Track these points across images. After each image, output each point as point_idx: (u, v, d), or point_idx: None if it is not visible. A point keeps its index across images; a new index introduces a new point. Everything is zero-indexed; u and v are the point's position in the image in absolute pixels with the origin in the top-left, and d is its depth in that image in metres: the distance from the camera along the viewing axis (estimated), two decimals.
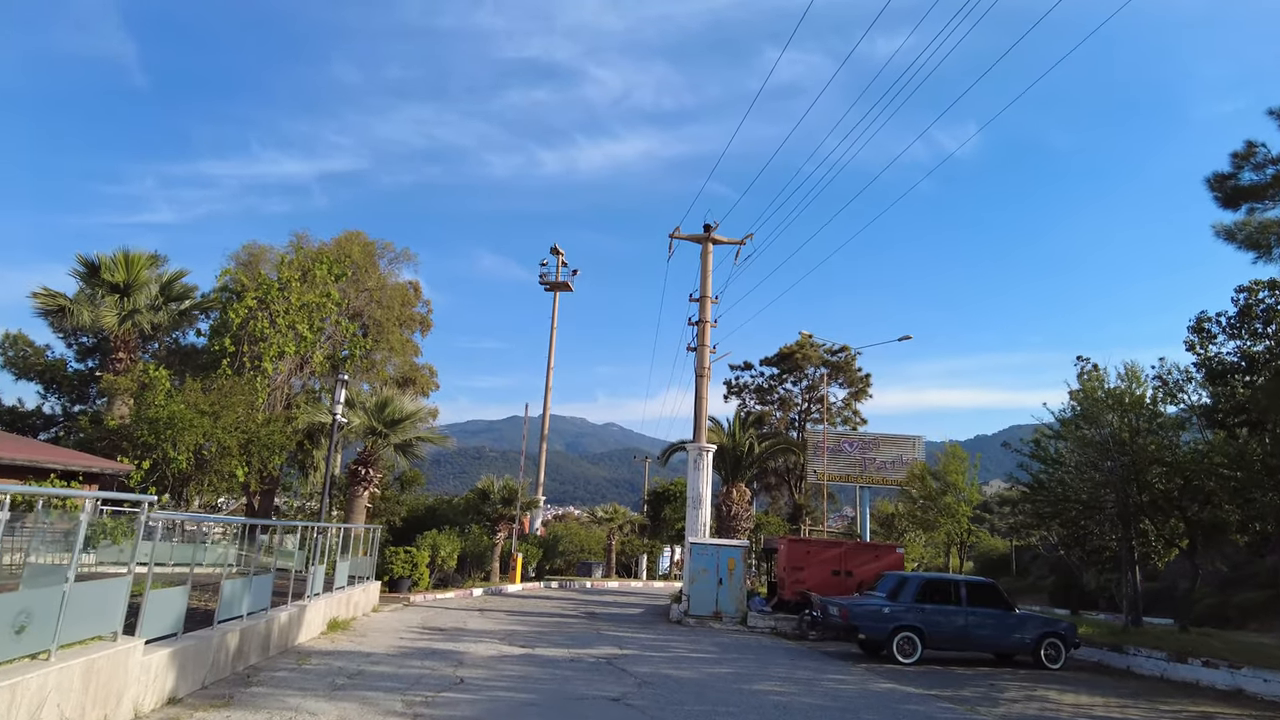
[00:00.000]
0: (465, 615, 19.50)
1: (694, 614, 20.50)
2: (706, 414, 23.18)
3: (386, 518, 30.64)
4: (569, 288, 48.22)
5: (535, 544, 37.35)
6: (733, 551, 20.94)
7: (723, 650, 15.39)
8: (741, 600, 20.62)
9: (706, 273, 23.56)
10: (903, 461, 37.21)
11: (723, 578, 20.67)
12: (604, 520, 47.90)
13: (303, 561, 17.53)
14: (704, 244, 23.86)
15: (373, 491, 24.50)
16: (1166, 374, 18.15)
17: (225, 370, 21.86)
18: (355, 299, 27.09)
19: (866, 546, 21.22)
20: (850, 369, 40.07)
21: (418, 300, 32.91)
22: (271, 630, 11.14)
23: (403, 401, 24.40)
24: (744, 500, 29.07)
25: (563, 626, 18.26)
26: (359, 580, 17.94)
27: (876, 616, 15.09)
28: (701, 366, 23.01)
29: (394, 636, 14.32)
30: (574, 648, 14.31)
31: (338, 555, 15.64)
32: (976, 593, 15.64)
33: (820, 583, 20.32)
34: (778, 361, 41.64)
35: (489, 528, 33.61)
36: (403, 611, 19.59)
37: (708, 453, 22.59)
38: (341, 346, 25.35)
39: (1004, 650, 15.58)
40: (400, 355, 27.73)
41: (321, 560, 14.69)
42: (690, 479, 22.54)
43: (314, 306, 23.91)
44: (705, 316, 23.26)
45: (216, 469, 19.92)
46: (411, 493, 31.94)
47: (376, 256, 27.50)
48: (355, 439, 25.07)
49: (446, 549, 26.31)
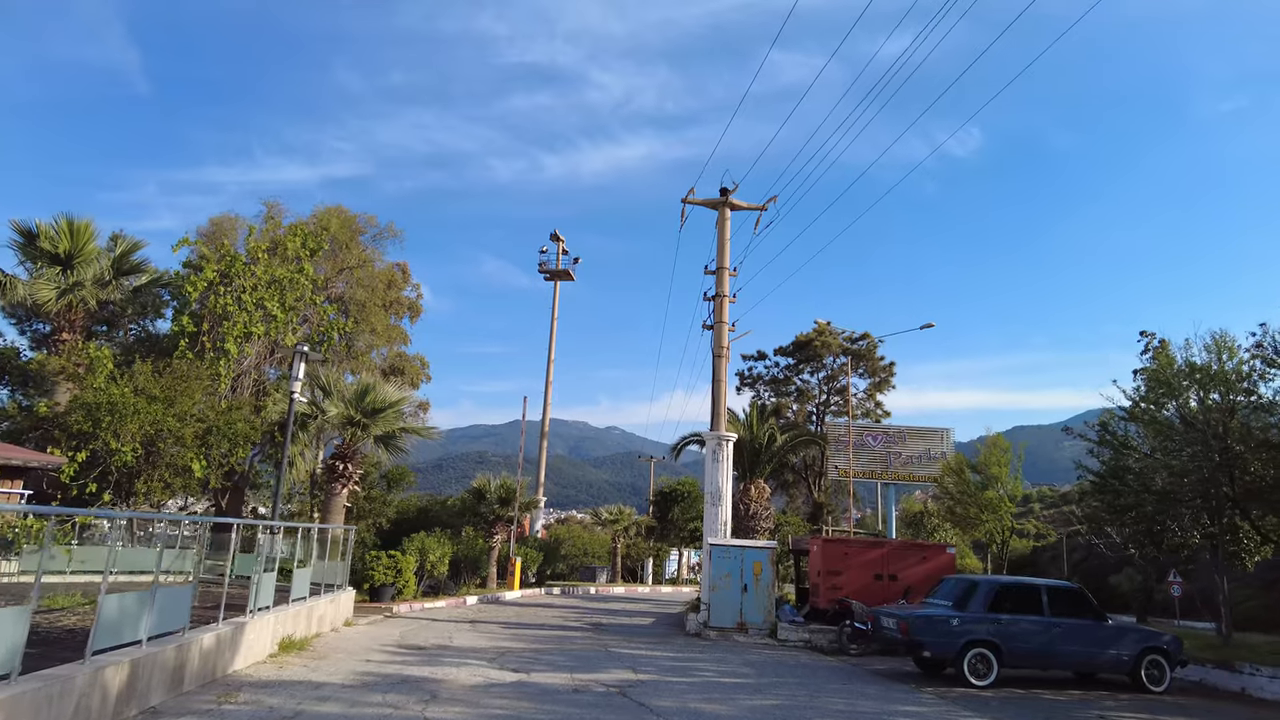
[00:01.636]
0: (453, 628, 16.95)
1: (715, 625, 17.93)
2: (725, 398, 20.63)
3: (372, 519, 28.08)
4: (570, 276, 45.74)
5: (535, 547, 34.78)
6: (759, 554, 18.37)
7: (758, 672, 12.81)
8: (770, 609, 18.05)
9: (724, 241, 21.03)
10: (930, 456, 34.59)
11: (747, 584, 18.10)
12: (609, 522, 45.33)
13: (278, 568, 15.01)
14: (720, 209, 21.34)
15: (353, 489, 21.97)
16: (1269, 341, 15.49)
17: (183, 351, 19.33)
18: (334, 279, 24.58)
19: (912, 546, 18.67)
20: (872, 358, 37.49)
21: (406, 283, 30.40)
22: (188, 658, 8.59)
23: (385, 389, 21.88)
24: (763, 498, 26.54)
25: (565, 642, 15.70)
26: (327, 589, 15.40)
27: (944, 630, 12.51)
28: (719, 345, 20.47)
29: (359, 659, 11.76)
30: (578, 671, 11.75)
31: (297, 560, 13.09)
32: (1060, 599, 13.05)
33: (860, 588, 17.75)
34: (794, 351, 39.05)
35: (485, 530, 31.08)
36: (381, 625, 17.03)
37: (728, 442, 20.05)
38: (318, 329, 22.83)
39: (1095, 668, 12.98)
40: (384, 339, 25.17)
41: (272, 566, 12.15)
42: (708, 472, 19.99)
43: (286, 282, 21.40)
44: (723, 290, 20.72)
45: (168, 462, 17.40)
46: (399, 492, 29.36)
47: (358, 232, 25.01)
48: (333, 431, 22.55)
49: (436, 553, 23.76)
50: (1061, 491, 71.55)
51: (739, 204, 21.53)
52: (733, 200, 21.39)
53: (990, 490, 25.20)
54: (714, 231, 21.55)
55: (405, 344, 30.24)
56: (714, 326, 20.77)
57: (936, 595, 13.93)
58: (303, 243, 22.13)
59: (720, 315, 20.59)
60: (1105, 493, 17.36)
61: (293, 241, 21.85)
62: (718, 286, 20.85)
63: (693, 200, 21.53)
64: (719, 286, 20.82)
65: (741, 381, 40.95)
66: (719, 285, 20.83)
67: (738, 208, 21.58)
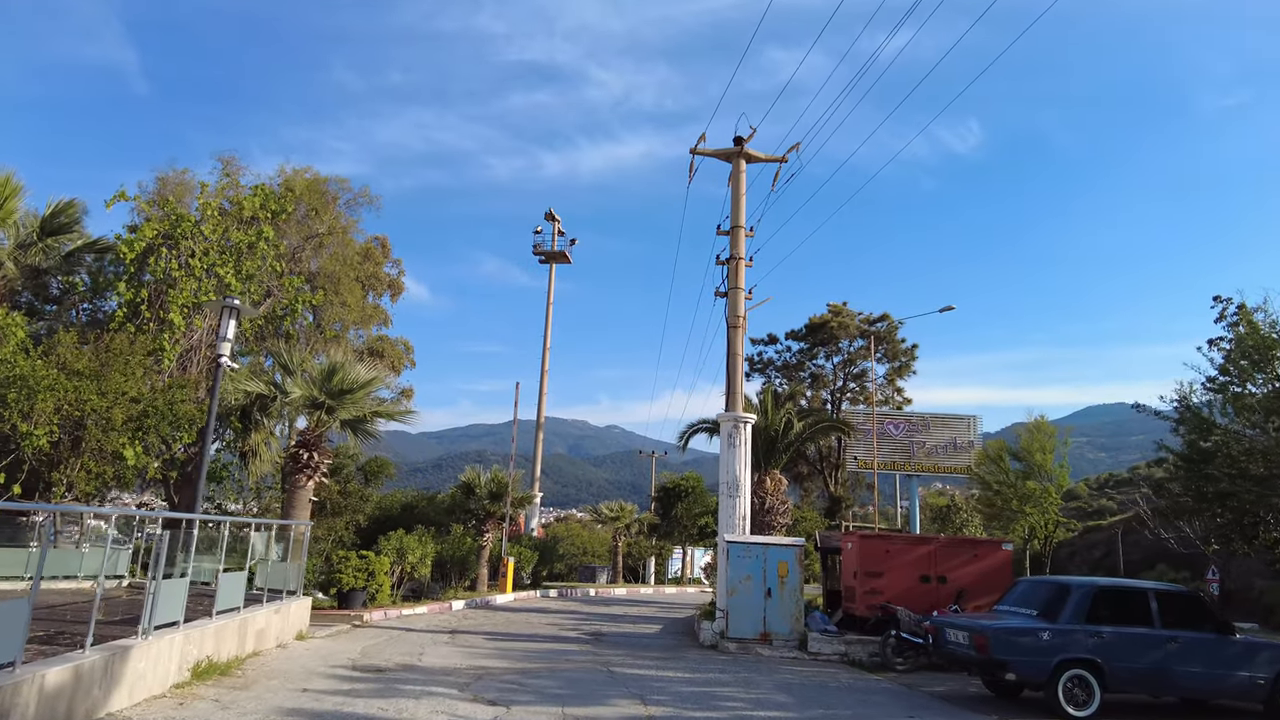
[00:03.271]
0: (428, 641, 14.40)
1: (734, 636, 15.38)
2: (742, 375, 18.06)
3: (349, 517, 25.54)
4: (566, 259, 43.13)
5: (531, 546, 32.22)
6: (784, 553, 15.82)
7: (798, 701, 10.25)
8: (798, 617, 15.50)
9: (738, 196, 18.47)
10: (956, 445, 32.14)
11: (771, 587, 15.55)
12: (610, 519, 42.78)
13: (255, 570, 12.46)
14: (734, 161, 18.78)
15: (320, 482, 19.40)
16: None
17: (119, 320, 16.76)
18: (303, 248, 21.99)
19: (963, 543, 16.12)
20: (892, 340, 34.93)
21: (386, 258, 27.81)
22: (14, 705, 6.05)
23: (356, 368, 19.29)
24: (780, 491, 23.97)
25: (558, 658, 13.16)
26: (273, 597, 12.86)
27: (1033, 646, 9.97)
28: (734, 314, 17.91)
29: (293, 688, 9.21)
30: (572, 703, 9.20)
31: (221, 565, 10.53)
32: (1174, 607, 10.49)
33: (904, 591, 15.21)
34: (807, 334, 36.47)
35: (475, 528, 28.55)
36: (342, 637, 14.48)
37: (745, 425, 17.48)
38: (279, 304, 20.24)
39: (1220, 694, 10.39)
40: (357, 314, 22.56)
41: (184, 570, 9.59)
42: (723, 460, 17.44)
43: (244, 247, 18.83)
44: (738, 252, 18.15)
45: (92, 448, 14.84)
46: (378, 486, 26.80)
47: (330, 199, 22.42)
48: (298, 415, 19.99)
49: (416, 553, 21.23)
50: (1066, 487, 69.04)
51: (755, 155, 18.97)
52: (748, 150, 18.84)
53: (1032, 480, 22.70)
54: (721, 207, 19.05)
55: (386, 325, 27.70)
56: (728, 293, 18.21)
57: (1011, 601, 11.39)
58: (262, 203, 19.55)
59: (735, 280, 18.03)
60: (1195, 479, 14.79)
61: (251, 201, 19.26)
62: (732, 248, 18.29)
63: (702, 151, 18.96)
64: (733, 248, 18.25)
65: (751, 367, 38.41)
66: (733, 246, 18.27)
67: (754, 159, 19.02)
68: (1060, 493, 22.53)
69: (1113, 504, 64.28)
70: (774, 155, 19.15)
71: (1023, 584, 11.76)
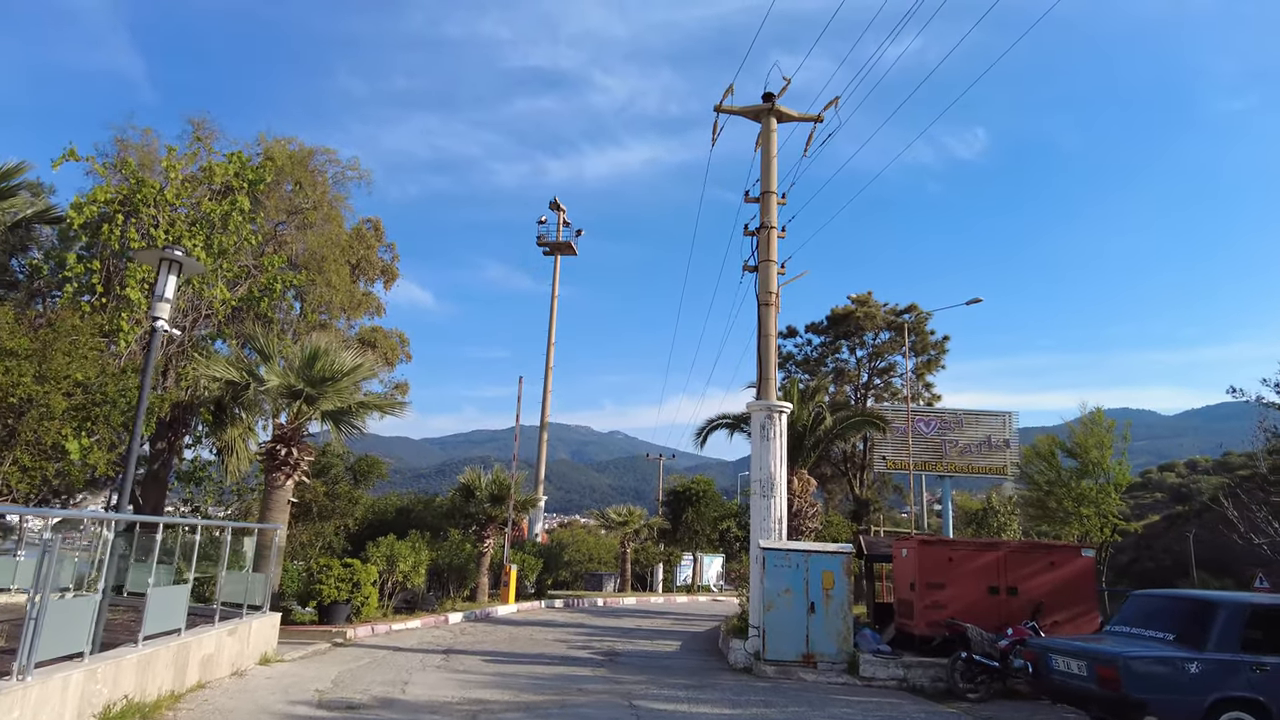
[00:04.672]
0: (417, 664, 12.29)
1: (772, 658, 13.23)
2: (775, 358, 15.93)
3: (337, 521, 23.49)
4: (572, 250, 41.09)
5: (534, 553, 30.11)
6: (829, 562, 13.68)
7: None
8: (846, 635, 13.35)
9: (770, 158, 16.40)
10: (991, 443, 29.95)
11: (815, 601, 13.40)
12: (617, 524, 40.60)
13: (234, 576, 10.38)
14: (764, 119, 16.72)
15: (300, 480, 17.33)
16: None
17: (69, 296, 14.74)
18: (285, 224, 19.95)
19: (1037, 549, 13.96)
20: (921, 332, 32.79)
21: (379, 242, 25.76)
22: None
23: (340, 355, 17.25)
24: (808, 492, 21.87)
25: (569, 687, 11.05)
26: (231, 613, 10.80)
27: (1178, 681, 7.83)
28: (765, 290, 15.81)
29: None
30: None
31: (154, 573, 8.45)
32: None
33: (970, 605, 13.06)
34: (829, 327, 34.30)
35: (475, 533, 26.46)
36: (317, 660, 12.38)
37: (780, 415, 15.36)
38: (255, 284, 18.19)
39: None
40: (344, 296, 20.47)
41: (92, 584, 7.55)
42: (755, 455, 15.32)
43: (216, 219, 16.81)
44: (769, 220, 16.07)
45: (28, 440, 12.78)
46: (368, 486, 24.72)
47: (316, 173, 20.39)
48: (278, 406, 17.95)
49: (409, 561, 19.13)
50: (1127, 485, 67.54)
51: (788, 112, 16.89)
52: (779, 107, 16.76)
53: (1088, 480, 20.52)
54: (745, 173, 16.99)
55: (379, 314, 25.66)
56: (758, 266, 16.12)
57: (1127, 620, 9.25)
58: (238, 171, 17.53)
59: (767, 251, 15.93)
60: None
61: (224, 168, 17.23)
62: (762, 216, 16.20)
63: (728, 109, 16.88)
64: (764, 215, 16.16)
65: None
66: (764, 214, 16.18)
67: (786, 117, 16.95)
68: (1120, 492, 20.33)
69: (1125, 508, 62.15)
70: (808, 114, 17.09)
71: (1140, 599, 9.62)
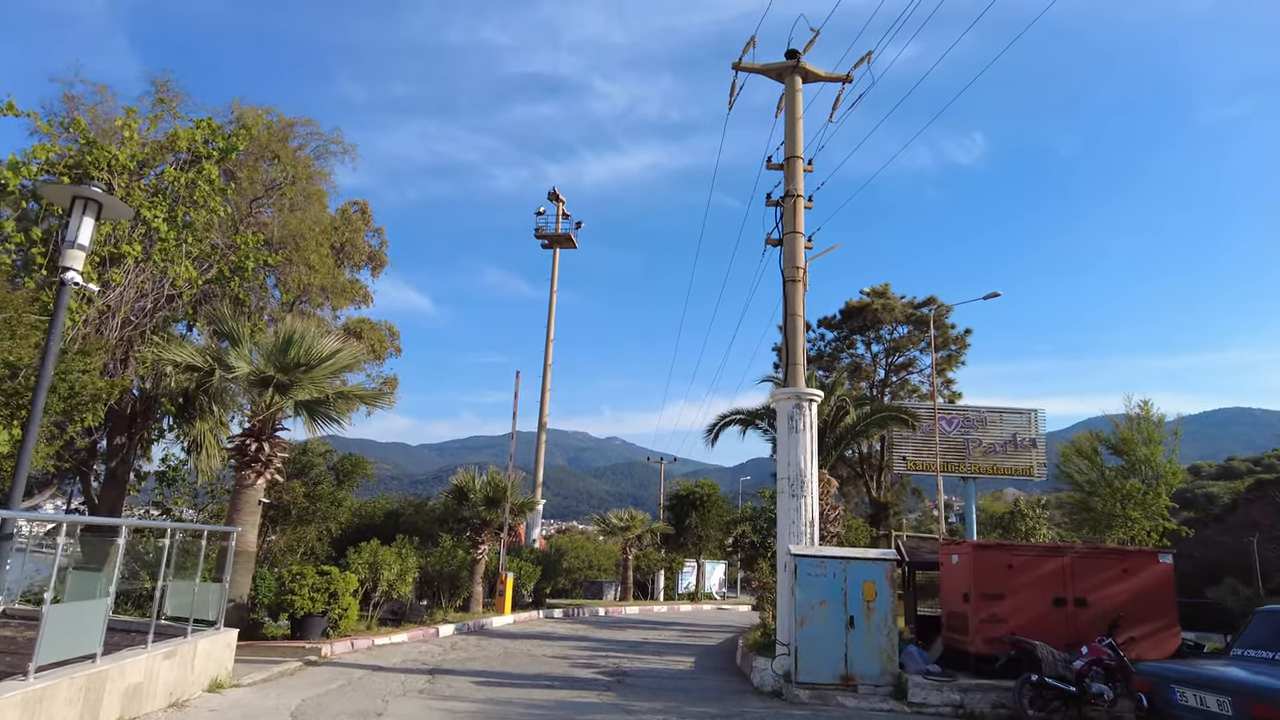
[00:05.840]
0: (395, 689, 10.56)
1: (806, 680, 11.52)
2: (804, 341, 14.24)
3: (319, 524, 21.73)
4: (572, 242, 39.44)
5: (532, 560, 28.36)
6: (870, 570, 11.98)
7: None
8: (890, 654, 11.65)
9: (795, 120, 14.78)
10: (1017, 442, 28.29)
11: (855, 615, 11.71)
12: (618, 529, 38.89)
13: None
14: (788, 78, 15.11)
15: (273, 479, 15.61)
16: None
17: (6, 268, 13.03)
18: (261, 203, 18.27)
19: (1107, 555, 12.27)
20: (941, 326, 31.16)
21: (367, 226, 24.08)
22: None
23: (320, 340, 15.56)
24: (829, 493, 20.18)
25: (573, 718, 9.34)
26: (173, 631, 9.09)
27: None
28: (792, 266, 14.15)
29: None
30: None
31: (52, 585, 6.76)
32: None
33: (1033, 619, 11.39)
34: (843, 321, 32.65)
35: (469, 538, 24.74)
36: (279, 685, 10.65)
37: (810, 404, 13.68)
38: (229, 260, 16.48)
39: None
40: (321, 276, 18.75)
41: None
42: (782, 449, 13.63)
43: (180, 187, 15.14)
44: (795, 188, 14.43)
45: None
46: (352, 487, 22.99)
47: (291, 140, 18.74)
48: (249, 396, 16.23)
49: (394, 568, 17.41)
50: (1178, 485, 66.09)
51: (814, 71, 15.27)
52: (805, 65, 15.14)
53: (1134, 479, 18.90)
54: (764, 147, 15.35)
55: (367, 304, 23.92)
56: (783, 239, 14.46)
57: (1257, 643, 7.58)
58: (206, 139, 15.87)
59: (793, 222, 14.28)
60: None
61: (190, 134, 15.57)
62: (787, 183, 14.56)
63: (748, 66, 15.25)
64: (789, 183, 14.52)
65: (780, 357, 34.40)
66: (789, 181, 14.53)
67: (813, 76, 15.32)
68: (1170, 492, 18.70)
69: None
70: (835, 73, 15.47)
71: (1271, 617, 7.94)
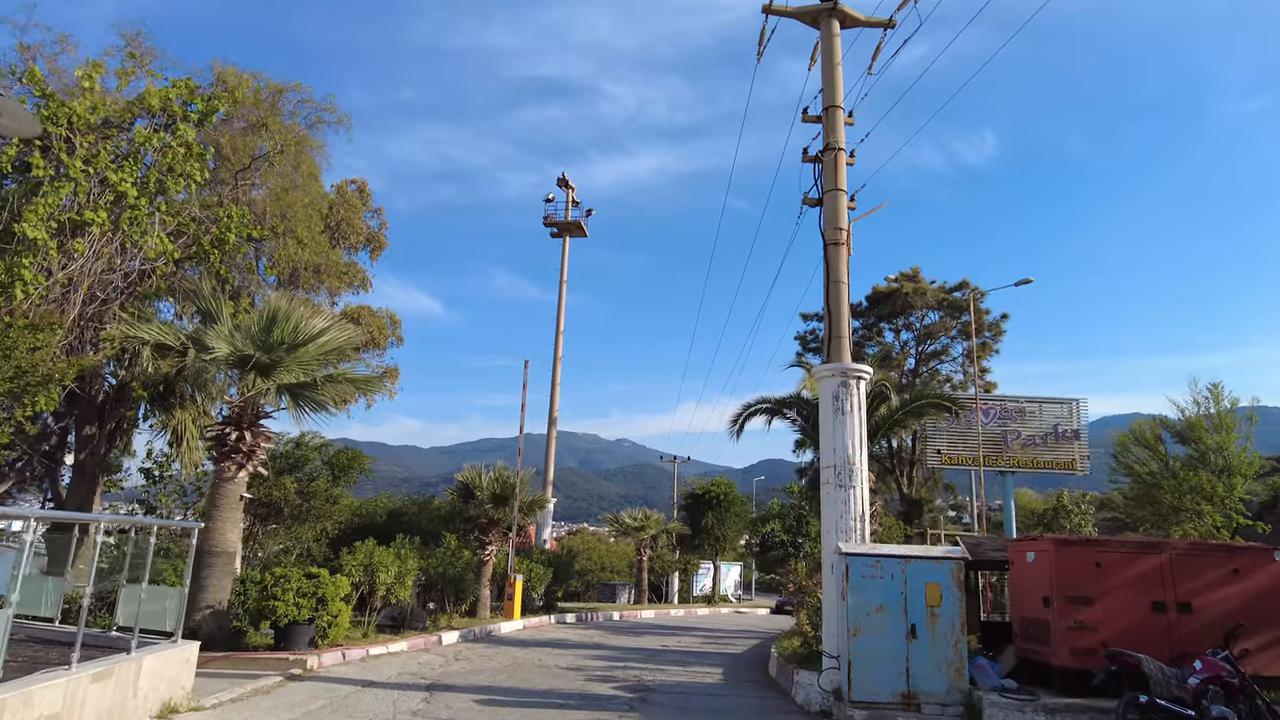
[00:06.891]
0: (385, 711, 9.02)
1: (860, 698, 9.91)
2: (848, 311, 12.61)
3: (315, 523, 20.27)
4: (582, 230, 37.92)
5: (543, 562, 26.84)
6: (935, 570, 10.37)
7: None
8: (959, 668, 10.03)
9: (834, 67, 13.19)
10: (1059, 434, 26.54)
11: (917, 623, 10.09)
12: (632, 529, 37.34)
13: None
14: (823, 21, 13.51)
15: (255, 471, 14.15)
16: None
17: None
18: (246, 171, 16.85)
19: (1213, 551, 10.60)
20: (976, 310, 29.43)
21: (365, 206, 22.62)
22: None
23: (310, 320, 14.09)
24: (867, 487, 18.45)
25: None
26: (118, 647, 7.60)
27: None
28: (833, 228, 12.55)
29: None
30: None
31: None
32: None
33: (1129, 627, 9.73)
34: (870, 308, 31.01)
35: (476, 539, 23.26)
36: (249, 705, 9.12)
37: (859, 381, 12.08)
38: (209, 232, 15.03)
39: None
40: (310, 252, 17.25)
41: None
42: (825, 434, 12.03)
43: (153, 151, 13.72)
44: (835, 140, 12.84)
45: None
46: (348, 484, 21.52)
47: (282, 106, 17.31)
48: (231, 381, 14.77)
49: (392, 571, 15.90)
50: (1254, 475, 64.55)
51: (852, 14, 13.67)
52: (842, 7, 13.55)
53: (1200, 473, 17.14)
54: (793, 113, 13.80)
55: (366, 289, 22.45)
56: (823, 198, 12.86)
57: None
58: (184, 99, 14.44)
59: (834, 179, 12.68)
60: None
61: (163, 93, 14.13)
62: (826, 135, 12.96)
63: (779, 9, 13.66)
64: (828, 135, 12.92)
65: (804, 346, 32.68)
66: (828, 133, 12.93)
67: (851, 21, 13.73)
68: (1245, 485, 16.95)
69: None
70: (876, 18, 13.87)
71: None
